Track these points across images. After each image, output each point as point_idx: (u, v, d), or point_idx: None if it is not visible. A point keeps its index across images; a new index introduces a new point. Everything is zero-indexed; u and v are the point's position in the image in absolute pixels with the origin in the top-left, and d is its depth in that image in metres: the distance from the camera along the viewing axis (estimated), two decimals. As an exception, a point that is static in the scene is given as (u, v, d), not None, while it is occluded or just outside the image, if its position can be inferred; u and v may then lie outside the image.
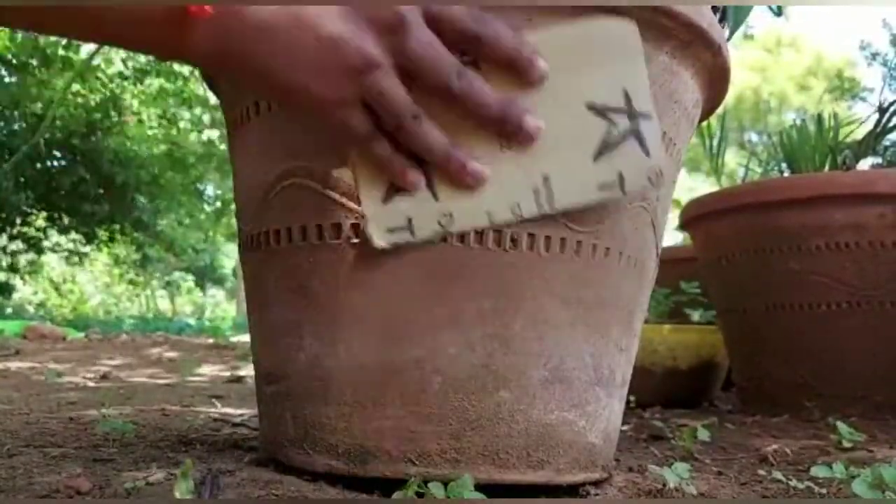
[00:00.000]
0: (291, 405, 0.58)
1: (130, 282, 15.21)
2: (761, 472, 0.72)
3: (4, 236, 7.88)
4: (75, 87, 7.15)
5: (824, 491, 0.63)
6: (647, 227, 0.61)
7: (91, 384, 1.63)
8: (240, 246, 0.66)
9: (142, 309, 17.09)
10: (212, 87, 0.71)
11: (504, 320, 0.54)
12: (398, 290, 0.54)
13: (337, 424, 0.55)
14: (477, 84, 0.48)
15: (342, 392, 0.55)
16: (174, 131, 8.61)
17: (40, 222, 8.07)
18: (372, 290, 0.54)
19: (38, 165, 7.32)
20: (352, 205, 0.54)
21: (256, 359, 0.65)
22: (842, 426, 0.90)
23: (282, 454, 0.59)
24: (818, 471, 0.63)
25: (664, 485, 0.60)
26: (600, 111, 0.51)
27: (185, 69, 7.44)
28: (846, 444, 0.88)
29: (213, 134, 9.20)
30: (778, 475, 0.68)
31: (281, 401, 0.59)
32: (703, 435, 0.89)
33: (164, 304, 18.64)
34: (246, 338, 4.45)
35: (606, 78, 0.51)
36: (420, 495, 0.51)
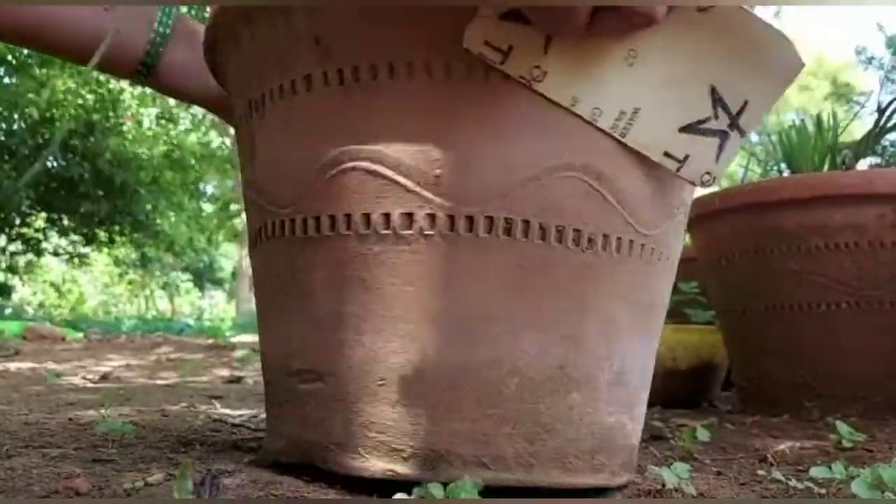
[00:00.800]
0: (342, 405, 0.53)
1: (129, 282, 15.21)
2: (761, 472, 0.72)
3: (3, 237, 7.87)
4: (74, 86, 7.14)
5: (823, 491, 0.63)
6: (683, 231, 0.62)
7: (90, 385, 1.63)
8: (259, 232, 0.60)
9: (141, 309, 17.08)
10: (217, 77, 0.68)
11: (578, 321, 0.53)
12: (477, 288, 0.51)
13: (403, 427, 0.52)
14: None
15: (411, 392, 0.52)
16: (173, 132, 8.61)
17: (39, 223, 8.06)
18: (449, 287, 0.51)
19: (38, 166, 7.32)
20: (427, 194, 0.51)
21: (281, 354, 0.59)
22: (841, 426, 0.90)
23: (322, 458, 0.54)
24: (817, 471, 0.63)
25: (664, 485, 0.60)
26: (715, 99, 0.51)
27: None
28: (846, 444, 0.88)
29: (213, 134, 9.20)
30: (777, 475, 0.68)
31: (325, 400, 0.54)
32: (703, 435, 0.89)
33: (163, 305, 18.63)
34: (246, 338, 4.44)
35: (742, 81, 0.51)
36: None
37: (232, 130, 0.89)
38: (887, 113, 1.51)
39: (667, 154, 0.53)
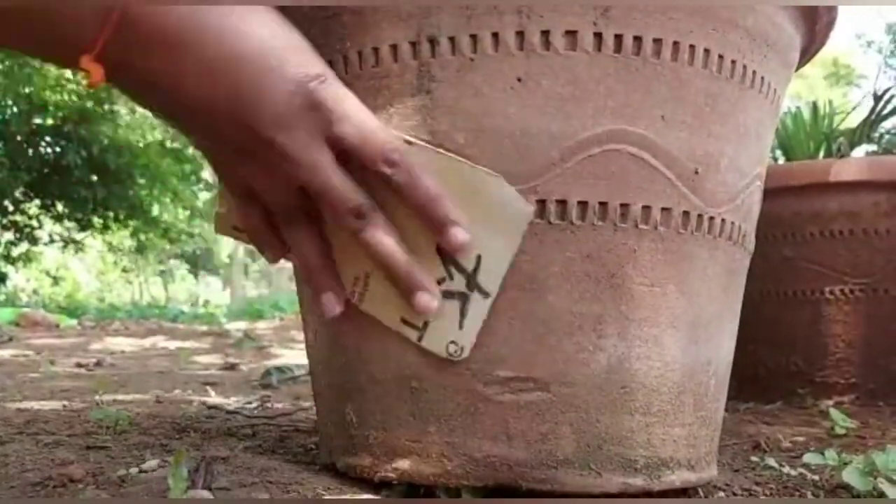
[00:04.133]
0: (575, 417, 0.49)
1: (124, 269, 15.18)
2: (754, 458, 0.72)
3: (-3, 227, 7.83)
4: (68, 73, 7.09)
5: (817, 477, 0.63)
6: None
7: (84, 371, 1.62)
8: None
9: (135, 297, 17.06)
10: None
11: (733, 319, 0.57)
12: (707, 289, 0.52)
13: (637, 437, 0.49)
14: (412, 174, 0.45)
15: (648, 399, 0.50)
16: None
17: (33, 210, 8.01)
18: (687, 287, 0.50)
19: (31, 152, 7.27)
20: (685, 190, 0.49)
21: (465, 359, 0.49)
22: (834, 413, 0.91)
23: (535, 477, 0.49)
24: (811, 457, 0.63)
25: (658, 472, 0.60)
26: (446, 257, 0.47)
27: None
28: (839, 431, 0.89)
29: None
30: (771, 462, 0.69)
31: (549, 412, 0.49)
32: (697, 422, 0.90)
33: (157, 292, 18.60)
34: (241, 325, 4.43)
35: (471, 234, 0.46)
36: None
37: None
38: (883, 100, 1.51)
39: (404, 321, 0.48)
